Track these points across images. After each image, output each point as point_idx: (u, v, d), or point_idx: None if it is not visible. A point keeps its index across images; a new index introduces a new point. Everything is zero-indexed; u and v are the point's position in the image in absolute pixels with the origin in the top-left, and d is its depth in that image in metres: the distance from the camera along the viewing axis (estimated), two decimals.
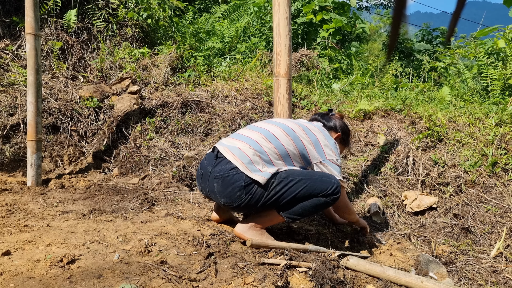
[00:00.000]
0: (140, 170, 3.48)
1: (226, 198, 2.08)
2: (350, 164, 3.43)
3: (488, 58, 4.78)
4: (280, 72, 2.70)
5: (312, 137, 2.19)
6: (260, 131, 2.19)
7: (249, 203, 2.05)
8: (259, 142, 2.11)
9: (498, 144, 3.29)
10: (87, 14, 4.84)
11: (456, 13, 0.71)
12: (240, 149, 2.08)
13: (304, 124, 2.27)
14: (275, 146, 2.11)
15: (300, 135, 2.18)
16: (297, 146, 2.15)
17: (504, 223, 2.80)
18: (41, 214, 2.36)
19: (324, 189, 2.04)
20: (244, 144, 2.11)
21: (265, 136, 2.14)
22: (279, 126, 2.21)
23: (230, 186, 2.03)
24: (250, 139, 2.14)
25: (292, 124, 2.24)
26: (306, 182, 2.04)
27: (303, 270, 1.85)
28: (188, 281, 1.65)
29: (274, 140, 2.13)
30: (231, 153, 2.08)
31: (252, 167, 2.04)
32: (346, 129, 2.53)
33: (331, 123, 2.47)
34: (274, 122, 2.27)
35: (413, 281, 1.92)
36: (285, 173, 2.07)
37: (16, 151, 3.40)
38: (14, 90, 3.79)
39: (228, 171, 2.05)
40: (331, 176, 2.11)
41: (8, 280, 1.51)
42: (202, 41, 5.54)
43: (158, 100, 4.04)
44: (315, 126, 2.30)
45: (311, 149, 2.16)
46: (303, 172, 2.10)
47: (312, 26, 6.22)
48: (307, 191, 2.03)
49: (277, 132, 2.16)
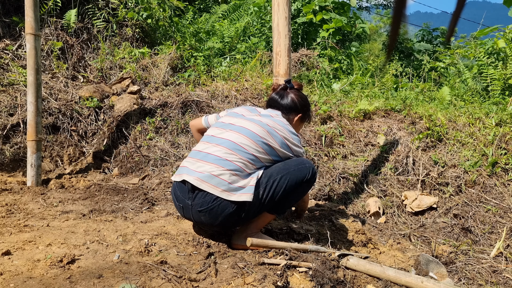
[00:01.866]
0: (140, 170, 3.48)
1: (220, 226, 2.04)
2: (350, 164, 3.43)
3: (488, 58, 4.78)
4: (280, 72, 2.70)
5: (278, 139, 2.09)
6: (224, 143, 2.02)
7: (244, 220, 2.03)
8: (229, 159, 1.96)
9: (498, 144, 3.29)
10: (87, 14, 4.84)
11: (456, 13, 0.71)
12: (214, 176, 1.92)
13: (266, 124, 2.11)
14: (245, 157, 1.99)
15: (266, 140, 2.06)
16: (266, 151, 2.05)
17: (504, 223, 2.80)
18: (41, 214, 2.36)
19: (303, 176, 2.07)
20: (215, 167, 1.94)
21: (231, 149, 1.99)
22: (241, 133, 2.05)
23: (220, 216, 1.96)
24: (218, 158, 1.97)
25: (255, 127, 2.07)
26: (286, 177, 2.03)
27: (303, 270, 1.85)
28: (188, 281, 1.65)
29: (241, 151, 1.99)
30: (207, 183, 1.92)
31: (233, 188, 1.93)
32: (306, 105, 2.38)
33: (290, 102, 2.31)
34: (235, 128, 2.09)
35: (413, 281, 1.92)
36: (264, 177, 2.01)
37: (16, 151, 3.40)
38: (14, 90, 3.79)
39: (211, 203, 1.93)
40: (304, 161, 2.12)
41: (8, 280, 1.51)
42: (202, 41, 5.54)
43: (158, 100, 4.04)
44: (278, 122, 2.16)
45: (278, 149, 2.09)
46: (280, 169, 2.05)
47: (312, 26, 6.22)
48: (290, 185, 2.04)
49: (243, 141, 2.02)
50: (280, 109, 2.30)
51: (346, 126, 3.75)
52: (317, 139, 3.61)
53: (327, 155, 3.50)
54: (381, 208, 3.05)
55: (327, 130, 3.66)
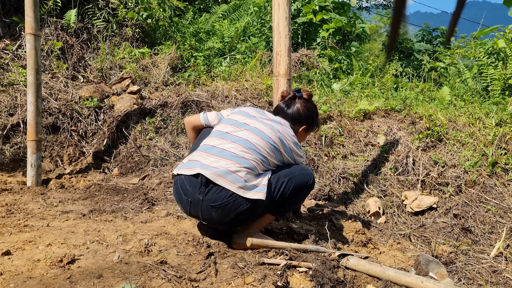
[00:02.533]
0: (140, 170, 3.48)
1: (228, 224, 2.04)
2: (350, 164, 3.43)
3: (488, 58, 4.78)
4: (280, 72, 2.69)
5: (286, 147, 2.16)
6: (240, 142, 2.04)
7: (253, 218, 2.07)
8: (246, 157, 1.99)
9: (498, 144, 3.29)
10: (87, 14, 4.84)
11: (456, 13, 0.71)
12: (232, 172, 1.93)
13: (278, 130, 2.16)
14: (258, 158, 2.03)
15: (277, 145, 2.11)
16: (275, 155, 2.12)
17: (504, 223, 2.80)
18: (41, 214, 2.36)
19: (306, 181, 2.16)
20: (232, 163, 1.96)
21: (247, 148, 2.02)
22: (256, 134, 2.09)
23: (232, 213, 1.96)
24: (234, 155, 1.99)
25: (268, 131, 2.12)
26: (292, 181, 2.11)
27: (303, 270, 1.85)
28: (188, 281, 1.65)
29: (255, 151, 2.03)
30: (223, 178, 1.92)
31: (249, 186, 1.96)
32: (312, 116, 2.40)
33: (295, 113, 2.34)
34: (250, 128, 2.12)
35: (413, 281, 1.92)
36: (273, 177, 2.07)
37: (16, 151, 3.40)
38: (14, 90, 3.79)
39: (227, 198, 1.92)
40: (306, 168, 2.24)
41: (8, 280, 1.51)
42: (202, 41, 5.54)
43: (158, 100, 4.04)
44: (286, 131, 2.21)
45: (285, 155, 2.17)
46: (286, 172, 2.14)
47: (312, 26, 6.22)
48: (294, 188, 2.12)
49: (257, 142, 2.06)
50: (287, 119, 2.34)
51: (346, 126, 3.75)
52: (317, 139, 3.61)
53: (327, 155, 3.50)
54: (381, 208, 3.05)
55: (327, 130, 3.66)
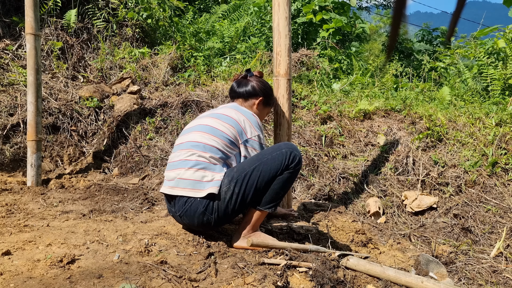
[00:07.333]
0: (140, 170, 3.48)
1: (201, 227, 2.07)
2: (350, 164, 3.43)
3: (488, 58, 4.78)
4: (280, 72, 2.69)
5: (228, 120, 2.09)
6: (181, 147, 2.08)
7: (220, 219, 2.02)
8: (188, 158, 2.01)
9: (498, 144, 3.29)
10: (87, 14, 4.84)
11: (456, 13, 0.71)
12: (181, 179, 1.99)
13: (217, 112, 2.16)
14: (202, 151, 2.00)
15: (217, 126, 2.07)
16: (221, 139, 2.03)
17: (504, 223, 2.80)
18: (41, 214, 2.36)
19: (280, 164, 1.96)
20: (179, 170, 2.01)
21: (188, 149, 2.04)
22: (196, 129, 2.10)
23: (194, 217, 2.00)
24: (179, 162, 2.04)
25: (207, 120, 2.12)
26: (259, 168, 1.94)
27: (303, 270, 1.85)
28: (188, 281, 1.65)
29: (197, 146, 2.02)
30: (177, 188, 2.01)
31: (200, 185, 1.97)
32: (266, 89, 2.39)
33: (250, 88, 2.34)
34: (190, 129, 2.15)
35: (413, 281, 1.92)
36: (235, 170, 1.98)
37: (16, 151, 3.40)
38: (14, 90, 3.79)
39: (184, 205, 2.00)
40: (279, 146, 2.02)
41: (8, 280, 1.51)
42: (202, 41, 5.54)
43: (158, 100, 4.04)
44: (229, 107, 2.20)
45: (232, 132, 2.06)
46: (251, 160, 2.00)
47: (312, 26, 6.22)
48: (265, 176, 1.95)
49: (197, 137, 2.06)
50: (239, 97, 2.35)
51: (346, 126, 3.75)
52: (317, 139, 3.60)
53: (327, 155, 3.50)
54: (381, 208, 3.05)
55: (327, 130, 3.66)
